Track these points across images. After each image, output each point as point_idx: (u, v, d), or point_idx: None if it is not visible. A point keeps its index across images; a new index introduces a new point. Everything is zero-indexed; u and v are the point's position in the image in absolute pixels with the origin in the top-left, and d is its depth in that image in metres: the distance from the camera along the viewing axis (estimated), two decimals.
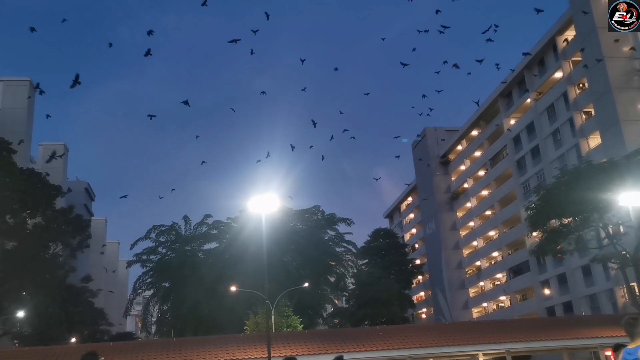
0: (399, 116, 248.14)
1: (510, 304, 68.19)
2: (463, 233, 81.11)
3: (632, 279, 39.24)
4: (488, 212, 73.63)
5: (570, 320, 36.31)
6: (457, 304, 78.94)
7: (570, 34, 56.39)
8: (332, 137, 62.88)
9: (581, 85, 55.07)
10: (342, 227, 55.29)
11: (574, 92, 55.64)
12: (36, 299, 40.60)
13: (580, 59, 54.23)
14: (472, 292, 78.73)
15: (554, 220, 39.81)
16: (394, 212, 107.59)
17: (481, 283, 75.98)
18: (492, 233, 73.25)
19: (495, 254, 72.25)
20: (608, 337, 25.13)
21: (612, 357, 26.98)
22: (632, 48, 50.54)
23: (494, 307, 72.82)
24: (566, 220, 38.87)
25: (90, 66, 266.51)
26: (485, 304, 74.98)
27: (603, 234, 38.68)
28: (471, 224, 78.61)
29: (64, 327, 46.94)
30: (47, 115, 30.89)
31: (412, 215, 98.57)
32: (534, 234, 45.32)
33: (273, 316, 34.43)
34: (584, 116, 54.52)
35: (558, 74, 58.18)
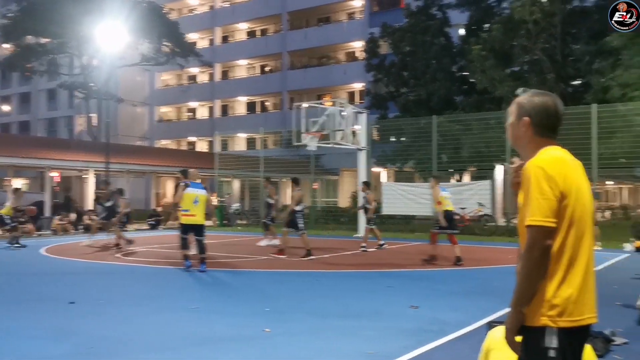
0: None
1: None
2: None
3: (93, 110, 41.57)
4: None
5: (24, 139, 36.00)
6: None
7: None
8: None
9: None
10: None
11: None
12: None
13: None
14: None
15: (30, 37, 37.77)
16: None
17: None
18: None
19: None
20: (58, 160, 26.08)
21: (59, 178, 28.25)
22: None
23: None
24: (43, 40, 37.56)
25: None
26: None
27: (77, 63, 39.13)
28: None
29: None
30: None
31: None
32: (7, 45, 42.13)
33: None
34: None
35: None
